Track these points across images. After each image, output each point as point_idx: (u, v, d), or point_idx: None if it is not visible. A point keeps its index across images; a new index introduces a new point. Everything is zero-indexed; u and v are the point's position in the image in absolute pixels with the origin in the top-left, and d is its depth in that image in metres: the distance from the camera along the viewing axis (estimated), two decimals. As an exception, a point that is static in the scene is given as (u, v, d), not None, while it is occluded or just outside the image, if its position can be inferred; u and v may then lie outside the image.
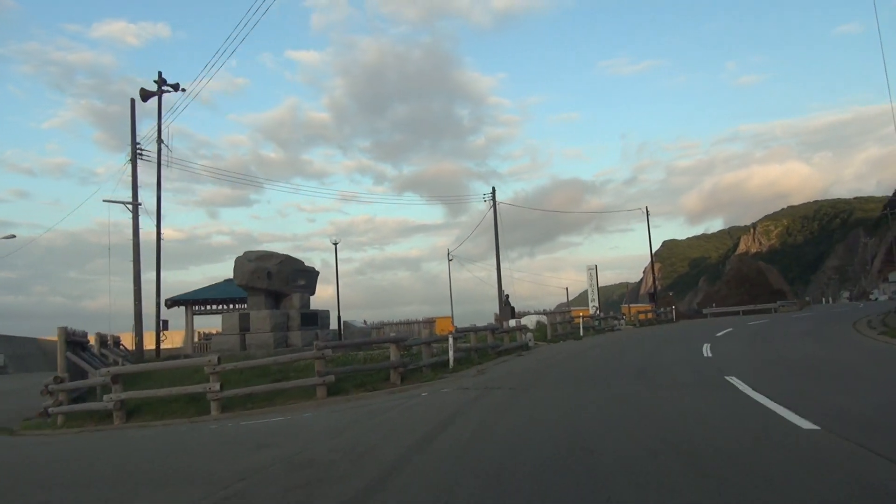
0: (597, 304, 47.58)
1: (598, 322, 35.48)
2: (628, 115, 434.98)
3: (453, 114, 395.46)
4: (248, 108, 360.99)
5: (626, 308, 56.95)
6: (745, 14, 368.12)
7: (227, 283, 35.11)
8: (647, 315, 43.53)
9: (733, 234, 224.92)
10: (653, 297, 55.58)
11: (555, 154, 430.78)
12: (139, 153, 29.28)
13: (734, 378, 10.09)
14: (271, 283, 24.91)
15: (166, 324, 32.47)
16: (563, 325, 31.07)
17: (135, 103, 29.67)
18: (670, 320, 43.13)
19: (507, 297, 43.86)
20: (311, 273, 27.52)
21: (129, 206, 28.61)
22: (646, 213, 56.88)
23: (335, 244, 37.41)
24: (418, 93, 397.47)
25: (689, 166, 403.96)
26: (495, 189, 45.31)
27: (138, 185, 28.84)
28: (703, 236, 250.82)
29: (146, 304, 28.66)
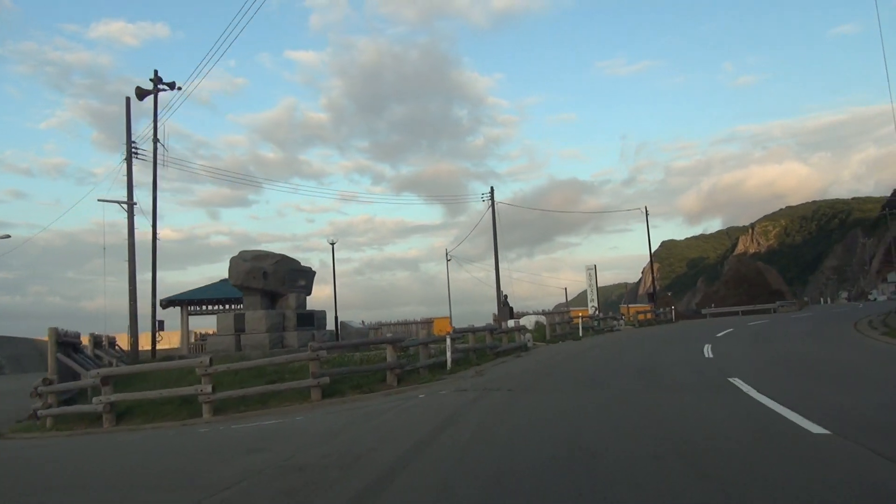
0: (596, 304, 47.42)
1: (597, 322, 35.28)
2: (626, 115, 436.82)
3: (451, 114, 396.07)
4: (247, 109, 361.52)
5: (625, 308, 56.87)
6: (742, 15, 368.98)
7: (224, 283, 34.77)
8: (646, 315, 43.32)
9: (731, 235, 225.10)
10: (652, 298, 55.38)
11: (553, 154, 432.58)
12: (134, 152, 29.00)
13: (737, 379, 9.91)
14: (267, 283, 24.65)
15: (162, 324, 32.24)
16: (561, 326, 30.85)
17: (130, 101, 29.36)
18: (669, 321, 42.93)
19: (506, 298, 43.64)
20: (308, 273, 27.26)
21: (123, 206, 28.32)
22: (645, 213, 56.70)
23: (332, 244, 37.23)
24: (416, 93, 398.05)
25: (687, 167, 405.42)
26: (493, 189, 45.08)
27: (134, 185, 28.58)
28: (702, 237, 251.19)
29: (142, 305, 28.42)
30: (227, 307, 34.99)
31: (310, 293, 27.09)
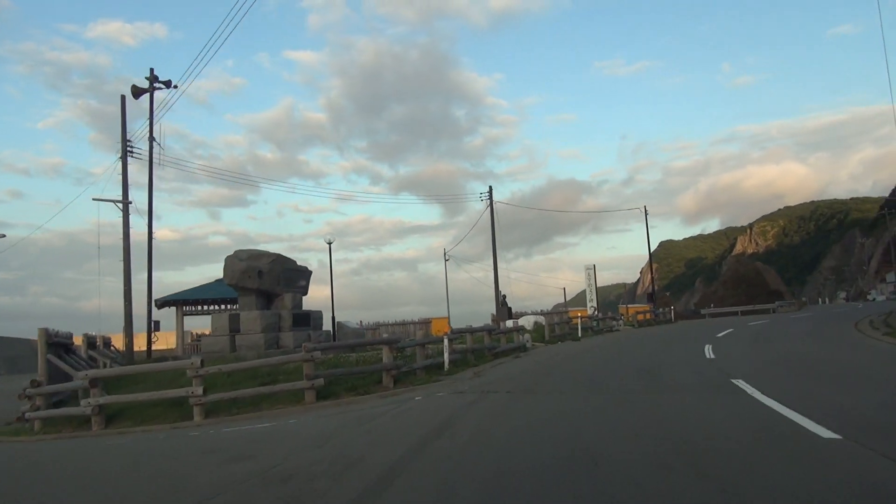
0: (595, 304, 47.22)
1: (596, 323, 35.05)
2: (625, 115, 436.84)
3: (450, 114, 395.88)
4: (245, 109, 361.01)
5: (624, 308, 56.64)
6: (741, 15, 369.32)
7: (219, 283, 34.46)
8: (645, 316, 43.10)
9: (730, 235, 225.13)
10: (651, 298, 55.16)
11: (551, 154, 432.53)
12: (130, 151, 28.70)
13: (741, 381, 9.73)
14: (262, 282, 24.36)
15: (158, 325, 31.94)
16: (560, 326, 30.58)
17: (125, 100, 29.08)
18: (669, 321, 42.74)
19: (505, 298, 43.41)
20: (304, 272, 26.99)
21: (118, 205, 28.04)
22: (644, 213, 56.41)
23: (329, 243, 37.02)
24: (415, 93, 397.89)
25: (686, 167, 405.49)
26: (491, 188, 44.90)
27: (130, 185, 28.32)
28: (700, 237, 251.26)
29: (138, 305, 28.12)
30: (223, 307, 34.68)
31: (306, 293, 26.82)
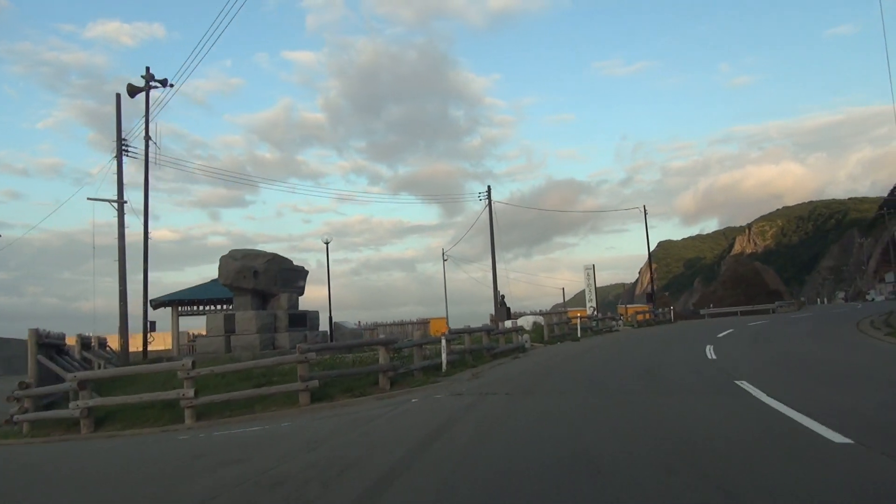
0: (594, 304, 47.02)
1: (595, 323, 34.85)
2: (623, 116, 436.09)
3: (448, 114, 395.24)
4: (243, 109, 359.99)
5: (623, 308, 56.45)
6: (739, 15, 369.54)
7: (215, 283, 34.12)
8: (645, 316, 42.92)
9: (728, 235, 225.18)
10: (651, 298, 54.97)
11: (550, 155, 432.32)
12: (125, 150, 28.45)
13: (745, 382, 9.53)
14: (258, 282, 24.10)
15: (154, 325, 31.63)
16: (560, 326, 30.34)
17: (120, 98, 28.83)
18: (668, 321, 42.56)
19: (503, 298, 43.20)
20: (300, 272, 26.73)
21: (114, 204, 27.79)
22: (643, 213, 56.11)
23: (326, 243, 36.78)
24: (413, 93, 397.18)
25: (684, 167, 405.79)
26: (490, 188, 44.76)
27: (127, 184, 28.09)
28: (699, 237, 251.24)
29: (134, 306, 27.86)
30: (219, 307, 34.39)
31: (302, 293, 26.56)
